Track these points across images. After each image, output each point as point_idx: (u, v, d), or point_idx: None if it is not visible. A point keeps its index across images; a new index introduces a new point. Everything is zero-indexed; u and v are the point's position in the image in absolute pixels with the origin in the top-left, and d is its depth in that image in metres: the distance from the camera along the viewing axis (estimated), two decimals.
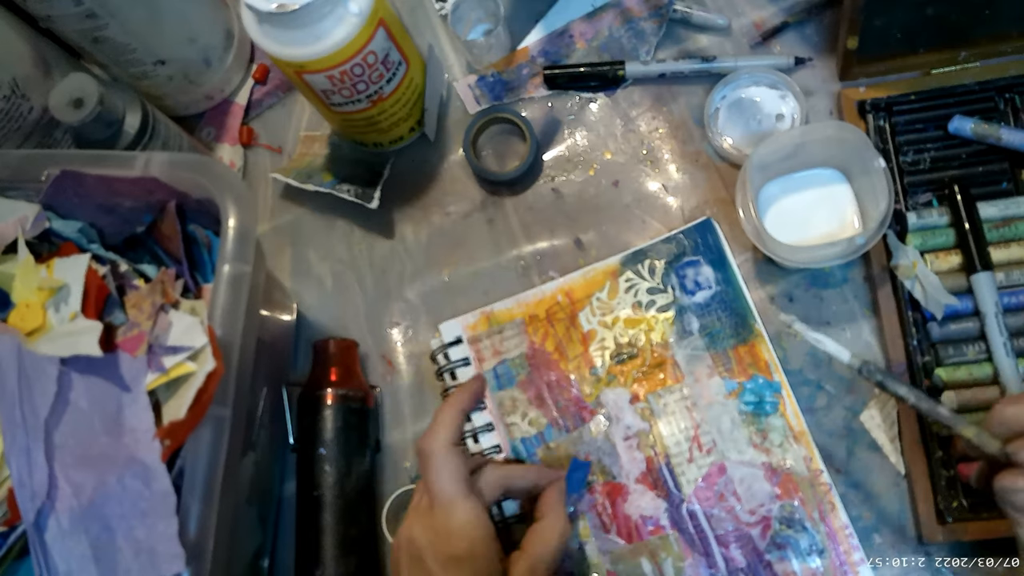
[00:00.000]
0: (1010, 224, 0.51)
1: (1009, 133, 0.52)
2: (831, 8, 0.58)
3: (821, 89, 0.57)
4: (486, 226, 0.59)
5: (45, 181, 0.44)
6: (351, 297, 0.60)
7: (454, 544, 0.40)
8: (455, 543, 0.40)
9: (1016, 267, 0.50)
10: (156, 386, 0.40)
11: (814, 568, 0.49)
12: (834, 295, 0.54)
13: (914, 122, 0.54)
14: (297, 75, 0.50)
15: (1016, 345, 0.49)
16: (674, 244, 0.55)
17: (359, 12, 0.47)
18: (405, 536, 0.43)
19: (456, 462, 0.43)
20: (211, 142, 0.64)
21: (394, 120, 0.57)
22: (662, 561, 0.51)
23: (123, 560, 0.38)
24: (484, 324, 0.56)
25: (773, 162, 0.52)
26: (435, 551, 0.41)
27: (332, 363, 0.54)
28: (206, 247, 0.48)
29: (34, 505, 0.38)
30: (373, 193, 0.57)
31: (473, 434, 0.54)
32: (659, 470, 0.52)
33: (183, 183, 0.45)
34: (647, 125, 0.59)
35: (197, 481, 0.39)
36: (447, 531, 0.41)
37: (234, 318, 0.41)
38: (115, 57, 0.57)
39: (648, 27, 0.60)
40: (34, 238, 0.45)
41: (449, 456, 0.43)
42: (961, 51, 0.54)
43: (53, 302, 0.43)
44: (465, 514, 0.41)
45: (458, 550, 0.40)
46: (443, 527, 0.41)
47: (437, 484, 0.43)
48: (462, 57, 0.63)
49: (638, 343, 0.54)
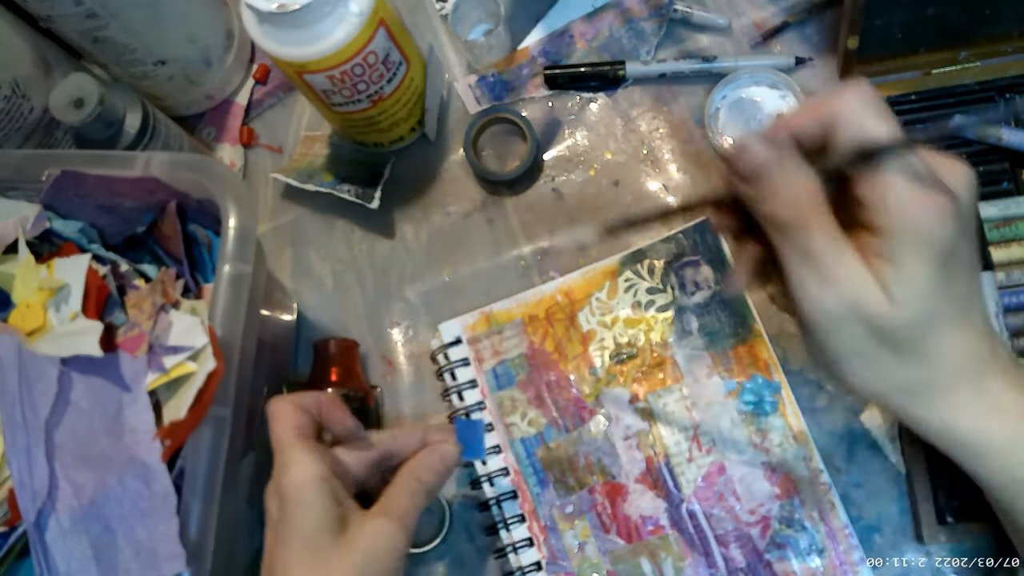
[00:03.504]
0: (1010, 224, 0.51)
1: (1010, 133, 0.52)
2: (831, 8, 0.58)
3: (821, 89, 0.57)
4: (486, 226, 0.59)
5: (45, 181, 0.44)
6: (351, 297, 0.60)
7: (282, 490, 0.39)
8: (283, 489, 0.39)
9: (1016, 267, 0.50)
10: (156, 386, 0.40)
11: (814, 568, 0.49)
12: None
13: (914, 122, 0.54)
14: (297, 75, 0.50)
15: (1016, 345, 0.49)
16: (673, 244, 0.55)
17: (359, 12, 0.47)
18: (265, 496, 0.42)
19: (292, 414, 0.41)
20: (211, 142, 0.64)
21: (394, 120, 0.57)
22: (662, 561, 0.51)
23: (124, 560, 0.38)
24: (483, 324, 0.56)
25: None
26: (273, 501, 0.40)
27: (332, 363, 0.54)
28: (206, 247, 0.48)
29: (35, 505, 0.38)
30: (373, 193, 0.57)
31: None
32: (659, 470, 0.52)
33: (183, 183, 0.45)
34: (647, 125, 0.59)
35: (197, 481, 0.39)
36: (277, 478, 0.40)
37: (234, 318, 0.41)
38: (115, 57, 0.57)
39: (648, 27, 0.60)
40: (34, 238, 0.45)
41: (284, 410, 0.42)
42: (961, 51, 0.54)
43: (53, 302, 0.43)
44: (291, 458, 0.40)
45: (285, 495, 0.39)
46: (275, 477, 0.40)
47: (272, 436, 0.42)
48: (462, 57, 0.63)
49: (637, 343, 0.54)
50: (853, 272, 0.31)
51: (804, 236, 0.32)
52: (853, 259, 0.31)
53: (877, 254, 0.31)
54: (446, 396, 0.56)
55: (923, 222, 0.31)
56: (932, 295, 0.31)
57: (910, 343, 0.32)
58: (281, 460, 0.40)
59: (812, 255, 0.32)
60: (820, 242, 0.31)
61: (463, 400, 0.55)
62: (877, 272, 0.31)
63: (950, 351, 0.32)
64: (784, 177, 0.32)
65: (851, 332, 0.32)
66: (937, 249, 0.31)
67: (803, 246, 0.32)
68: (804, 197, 0.32)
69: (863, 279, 0.31)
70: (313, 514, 0.38)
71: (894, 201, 0.31)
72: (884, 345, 0.32)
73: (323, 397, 0.43)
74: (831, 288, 0.31)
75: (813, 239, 0.31)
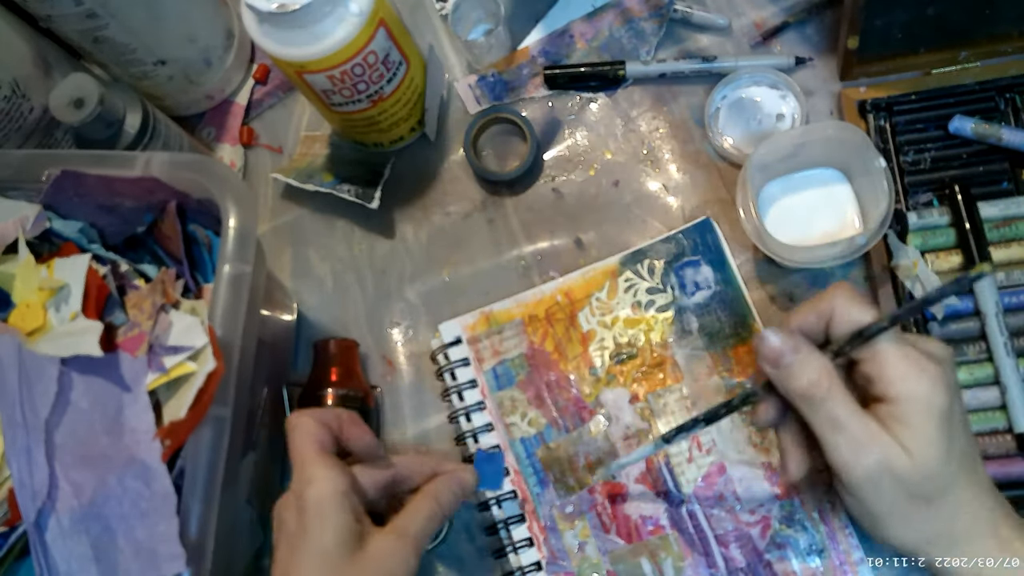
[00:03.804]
0: (1010, 224, 0.51)
1: (1010, 133, 0.52)
2: (831, 8, 0.58)
3: (821, 89, 0.57)
4: (486, 226, 0.59)
5: (45, 181, 0.44)
6: (351, 297, 0.60)
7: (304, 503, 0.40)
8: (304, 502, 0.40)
9: (1017, 267, 0.50)
10: (156, 386, 0.40)
11: (814, 568, 0.49)
12: None
13: (914, 122, 0.54)
14: (297, 75, 0.50)
15: (1016, 345, 0.49)
16: (673, 244, 0.55)
17: (359, 12, 0.47)
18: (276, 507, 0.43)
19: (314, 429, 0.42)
20: (211, 142, 0.64)
21: (394, 120, 0.57)
22: (662, 561, 0.51)
23: (123, 560, 0.38)
24: (483, 324, 0.56)
25: (773, 162, 0.52)
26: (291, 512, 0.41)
27: (332, 363, 0.54)
28: (206, 247, 0.48)
29: (35, 505, 0.38)
30: (374, 193, 0.57)
31: (473, 434, 0.54)
32: (659, 470, 0.52)
33: (183, 183, 0.45)
34: (647, 125, 0.59)
35: (197, 481, 0.39)
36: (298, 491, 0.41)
37: (234, 318, 0.41)
38: (115, 57, 0.57)
39: (648, 27, 0.60)
40: (34, 238, 0.45)
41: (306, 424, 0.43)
42: (961, 51, 0.54)
43: (53, 302, 0.43)
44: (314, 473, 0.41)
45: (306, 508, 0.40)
46: (295, 488, 0.41)
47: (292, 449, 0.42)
48: (462, 57, 0.63)
49: (637, 343, 0.54)
50: (878, 435, 0.37)
51: (830, 406, 0.37)
52: (875, 424, 0.37)
53: (891, 419, 0.37)
54: (446, 396, 0.56)
55: (922, 387, 0.36)
56: (943, 448, 0.36)
57: (934, 495, 0.37)
58: (303, 474, 0.41)
59: (840, 423, 0.37)
60: (845, 411, 0.37)
61: (463, 400, 0.55)
62: (895, 434, 0.37)
63: (968, 503, 0.38)
64: (802, 358, 0.38)
65: (887, 489, 0.37)
66: (938, 409, 0.36)
67: (831, 416, 0.37)
68: (823, 373, 0.38)
69: (887, 440, 0.37)
70: (333, 529, 0.39)
71: (894, 372, 0.37)
72: (914, 499, 0.37)
73: (344, 414, 0.45)
74: (864, 450, 0.37)
75: (838, 408, 0.37)
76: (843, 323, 0.39)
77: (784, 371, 0.39)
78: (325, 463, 0.41)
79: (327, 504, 0.40)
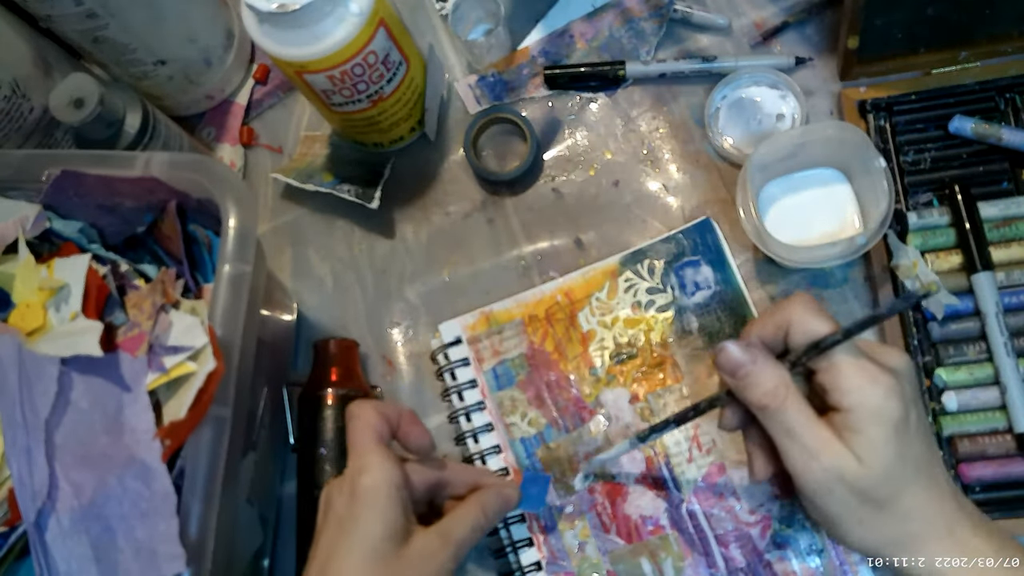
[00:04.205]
0: (1011, 224, 0.51)
1: (1010, 133, 0.52)
2: (831, 8, 0.58)
3: (821, 89, 0.57)
4: (486, 226, 0.59)
5: (45, 181, 0.44)
6: (351, 297, 0.60)
7: (357, 490, 0.41)
8: (358, 489, 0.40)
9: (1017, 267, 0.50)
10: (156, 386, 0.40)
11: (813, 568, 0.49)
12: (834, 295, 0.54)
13: (914, 122, 0.54)
14: (297, 75, 0.50)
15: (1016, 345, 0.49)
16: (673, 244, 0.55)
17: (359, 12, 0.47)
18: (327, 488, 0.44)
19: (374, 420, 0.43)
20: (211, 142, 0.64)
21: (394, 120, 0.57)
22: (662, 561, 0.51)
23: (123, 560, 0.38)
24: (483, 324, 0.56)
25: (773, 162, 0.52)
26: (342, 497, 0.41)
27: (332, 363, 0.54)
28: (206, 247, 0.48)
29: (34, 505, 0.38)
30: (373, 193, 0.57)
31: (473, 434, 0.54)
32: (659, 470, 0.52)
33: (183, 183, 0.45)
34: (647, 125, 0.59)
35: (197, 481, 0.39)
36: (352, 477, 0.41)
37: (234, 318, 0.41)
38: (115, 57, 0.57)
39: (648, 27, 0.60)
40: (34, 238, 0.45)
41: (368, 414, 0.44)
42: (961, 51, 0.54)
43: (53, 302, 0.43)
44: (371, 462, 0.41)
45: (359, 495, 0.40)
46: (350, 474, 0.42)
47: (351, 436, 0.43)
48: (462, 57, 0.63)
49: (637, 343, 0.54)
50: (829, 443, 0.38)
51: (784, 417, 0.39)
52: (827, 433, 0.38)
53: (844, 428, 0.38)
54: (446, 396, 0.56)
55: (874, 397, 0.37)
56: (894, 456, 0.38)
57: (887, 500, 0.38)
58: (360, 461, 0.42)
59: (793, 432, 0.38)
60: (799, 421, 0.38)
61: (463, 400, 0.55)
62: (847, 442, 0.38)
63: (923, 506, 0.38)
64: (758, 370, 0.39)
65: (839, 494, 0.38)
66: (889, 418, 0.37)
67: (786, 425, 0.39)
68: (778, 384, 0.39)
69: (838, 448, 0.38)
70: (383, 520, 0.40)
71: (847, 384, 0.38)
72: (866, 503, 0.38)
73: (404, 410, 0.46)
74: (816, 459, 0.38)
75: (793, 419, 0.39)
76: (800, 334, 0.40)
77: (741, 382, 0.40)
78: (382, 453, 0.42)
79: (380, 494, 0.40)
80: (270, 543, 0.55)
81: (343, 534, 0.40)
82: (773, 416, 0.39)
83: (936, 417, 0.50)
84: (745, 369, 0.40)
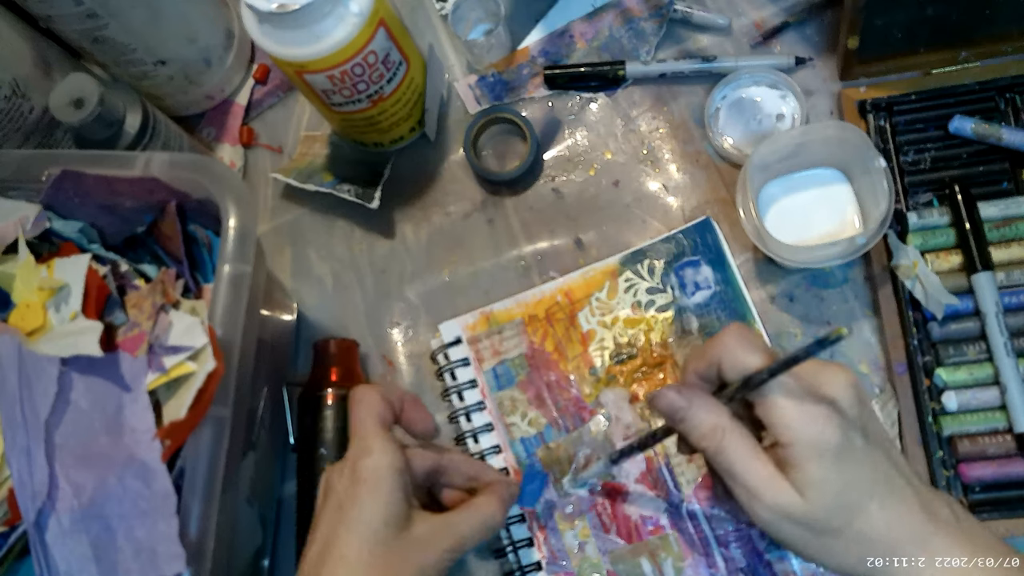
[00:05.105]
0: (1010, 224, 0.51)
1: (1010, 133, 0.52)
2: (831, 8, 0.58)
3: (821, 89, 0.57)
4: (486, 226, 0.59)
5: (45, 181, 0.44)
6: (351, 297, 0.60)
7: (358, 473, 0.41)
8: (359, 473, 0.41)
9: (1017, 267, 0.50)
10: (156, 386, 0.40)
11: (813, 568, 0.49)
12: (834, 295, 0.54)
13: (914, 122, 0.54)
14: (297, 75, 0.50)
15: (1016, 345, 0.49)
16: (673, 244, 0.55)
17: (359, 12, 0.47)
18: (327, 472, 0.44)
19: (377, 404, 0.44)
20: (211, 142, 0.64)
21: (394, 120, 0.57)
22: (662, 561, 0.51)
23: (123, 560, 0.38)
24: (483, 324, 0.56)
25: (773, 162, 0.52)
26: (343, 480, 0.41)
27: (332, 363, 0.54)
28: (206, 247, 0.48)
29: (34, 505, 0.38)
30: (373, 193, 0.57)
31: (473, 434, 0.54)
32: (659, 470, 0.52)
33: (183, 183, 0.45)
34: (647, 125, 0.59)
35: (197, 481, 0.39)
36: (354, 461, 0.41)
37: (234, 318, 0.41)
38: (115, 57, 0.57)
39: (648, 27, 0.60)
40: (34, 238, 0.45)
41: (372, 398, 0.44)
42: (961, 51, 0.54)
43: (53, 302, 0.43)
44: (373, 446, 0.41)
45: (361, 479, 0.40)
46: (352, 457, 0.42)
47: (353, 420, 0.43)
48: (462, 57, 0.63)
49: (637, 343, 0.54)
50: (770, 482, 0.37)
51: (723, 459, 0.38)
52: (768, 471, 0.37)
53: (785, 463, 0.37)
54: (446, 396, 0.56)
55: (810, 433, 0.36)
56: (838, 485, 0.36)
57: (840, 528, 0.37)
58: (363, 444, 0.42)
59: (734, 473, 0.38)
60: (737, 463, 0.38)
61: (463, 400, 0.55)
62: (791, 477, 0.37)
63: (885, 526, 0.37)
64: (695, 414, 0.39)
65: (789, 530, 0.37)
66: (827, 449, 0.36)
67: (724, 466, 0.38)
68: (715, 428, 0.38)
69: (779, 486, 0.37)
70: (385, 504, 0.40)
71: (781, 420, 0.37)
72: (820, 534, 0.37)
73: (407, 395, 0.46)
74: (757, 500, 0.37)
75: (731, 461, 0.38)
76: (731, 369, 0.39)
77: (679, 425, 0.40)
78: (384, 438, 0.42)
79: (382, 478, 0.40)
80: (270, 543, 0.55)
81: (344, 517, 0.40)
82: (713, 457, 0.39)
83: (936, 417, 0.50)
84: (681, 412, 0.39)
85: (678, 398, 0.39)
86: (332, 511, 0.41)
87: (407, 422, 0.45)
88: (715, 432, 0.38)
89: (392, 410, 0.44)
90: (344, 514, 0.40)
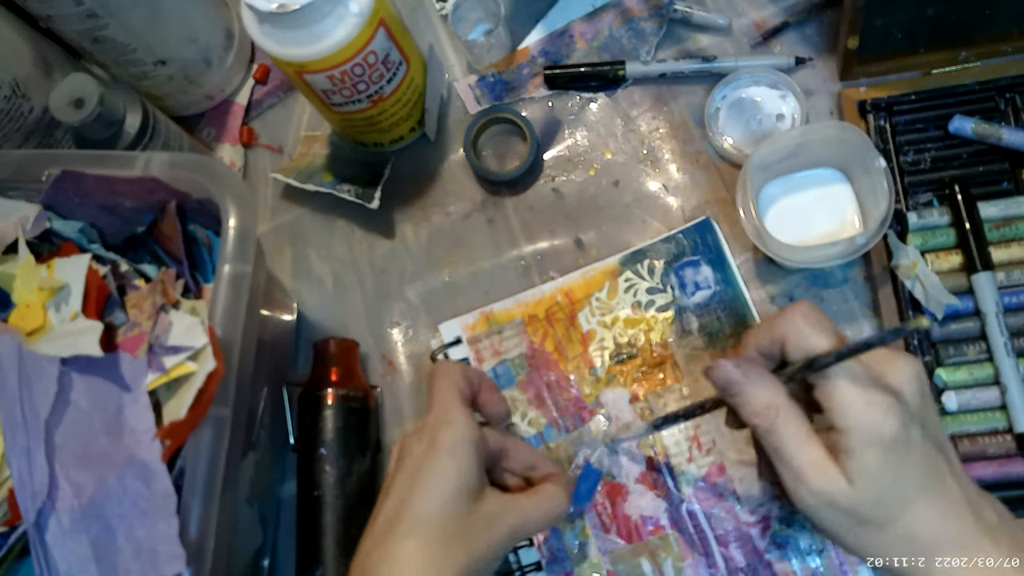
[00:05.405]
0: (1011, 224, 0.51)
1: (1010, 133, 0.52)
2: (831, 8, 0.58)
3: (821, 89, 0.57)
4: (486, 226, 0.59)
5: (45, 181, 0.44)
6: (351, 297, 0.60)
7: (438, 440, 0.41)
8: (439, 440, 0.41)
9: (1017, 267, 0.50)
10: (156, 386, 0.40)
11: (813, 568, 0.49)
12: (834, 295, 0.54)
13: (914, 122, 0.54)
14: (297, 75, 0.50)
15: (1016, 345, 0.49)
16: (673, 244, 0.55)
17: (359, 12, 0.47)
18: (402, 439, 0.44)
19: (459, 380, 0.44)
20: (211, 142, 0.64)
21: (394, 120, 0.57)
22: (662, 561, 0.51)
23: (123, 560, 0.38)
24: (483, 324, 0.56)
25: (773, 162, 0.52)
26: (421, 446, 0.42)
27: (332, 363, 0.54)
28: (206, 247, 0.48)
29: (34, 505, 0.38)
30: (373, 193, 0.57)
31: None
32: (659, 470, 0.52)
33: (183, 183, 0.45)
34: (647, 125, 0.59)
35: (197, 481, 0.39)
36: (434, 430, 0.42)
37: (234, 318, 0.41)
38: (115, 57, 0.57)
39: (648, 27, 0.60)
40: (34, 238, 0.45)
41: (454, 372, 0.45)
42: (961, 51, 0.54)
43: (53, 302, 0.43)
44: (454, 417, 0.42)
45: (440, 446, 0.41)
46: (432, 426, 0.42)
47: (434, 392, 0.44)
48: (462, 57, 0.63)
49: (637, 343, 0.54)
50: (818, 467, 0.37)
51: (774, 439, 0.38)
52: (818, 455, 0.37)
53: (839, 448, 0.37)
54: None
55: (869, 421, 0.36)
56: (890, 477, 0.36)
57: (885, 521, 0.37)
58: (445, 415, 0.42)
59: (782, 454, 0.38)
60: (788, 444, 0.37)
61: None
62: (841, 464, 0.37)
63: (930, 525, 0.37)
64: (750, 390, 0.39)
65: (831, 517, 0.37)
66: (885, 440, 0.36)
67: (774, 446, 0.38)
68: (769, 406, 0.38)
69: (828, 472, 0.37)
70: (460, 472, 0.41)
71: (841, 405, 0.37)
72: (863, 524, 0.37)
73: (485, 377, 0.47)
74: (803, 483, 0.37)
75: (782, 441, 0.38)
76: (796, 349, 0.39)
77: (732, 399, 0.39)
78: (465, 412, 0.43)
79: (460, 447, 0.41)
80: (270, 543, 0.55)
81: (420, 480, 0.40)
82: (763, 436, 0.38)
83: None
84: (737, 387, 0.39)
85: (736, 371, 0.39)
86: (408, 475, 0.41)
87: (482, 403, 0.46)
88: (769, 410, 0.38)
89: (471, 388, 0.45)
90: (421, 478, 0.41)
